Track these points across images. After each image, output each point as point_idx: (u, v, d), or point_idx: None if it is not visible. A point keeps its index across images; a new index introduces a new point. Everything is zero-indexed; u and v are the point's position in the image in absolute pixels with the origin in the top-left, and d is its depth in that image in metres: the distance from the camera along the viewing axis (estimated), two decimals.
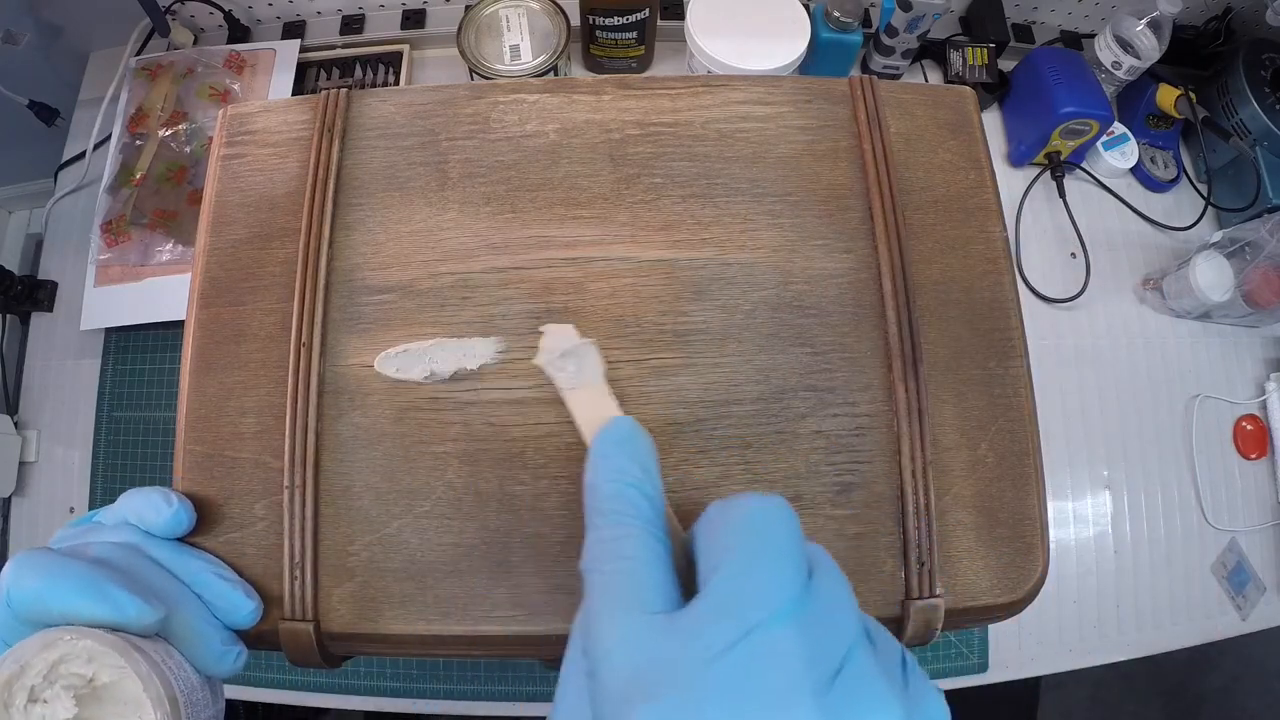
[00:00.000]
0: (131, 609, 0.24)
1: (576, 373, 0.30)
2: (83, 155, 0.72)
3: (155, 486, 0.29)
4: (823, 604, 0.20)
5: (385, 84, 0.74)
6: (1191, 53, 0.79)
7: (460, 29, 0.68)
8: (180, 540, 0.30)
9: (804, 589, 0.20)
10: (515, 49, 0.68)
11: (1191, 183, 0.79)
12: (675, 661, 0.19)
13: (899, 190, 0.35)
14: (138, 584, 0.25)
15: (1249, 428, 0.73)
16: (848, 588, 0.21)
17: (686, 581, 0.22)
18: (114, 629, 0.24)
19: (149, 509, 0.28)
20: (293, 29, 0.77)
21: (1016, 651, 0.65)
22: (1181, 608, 0.67)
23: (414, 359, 0.32)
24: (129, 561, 0.27)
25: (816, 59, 0.71)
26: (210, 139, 0.49)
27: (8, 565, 0.25)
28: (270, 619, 0.30)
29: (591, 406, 0.29)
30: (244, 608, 0.28)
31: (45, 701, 0.23)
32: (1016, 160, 0.77)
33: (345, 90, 0.37)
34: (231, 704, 0.66)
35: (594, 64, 0.76)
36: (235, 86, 0.71)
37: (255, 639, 0.30)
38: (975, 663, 0.64)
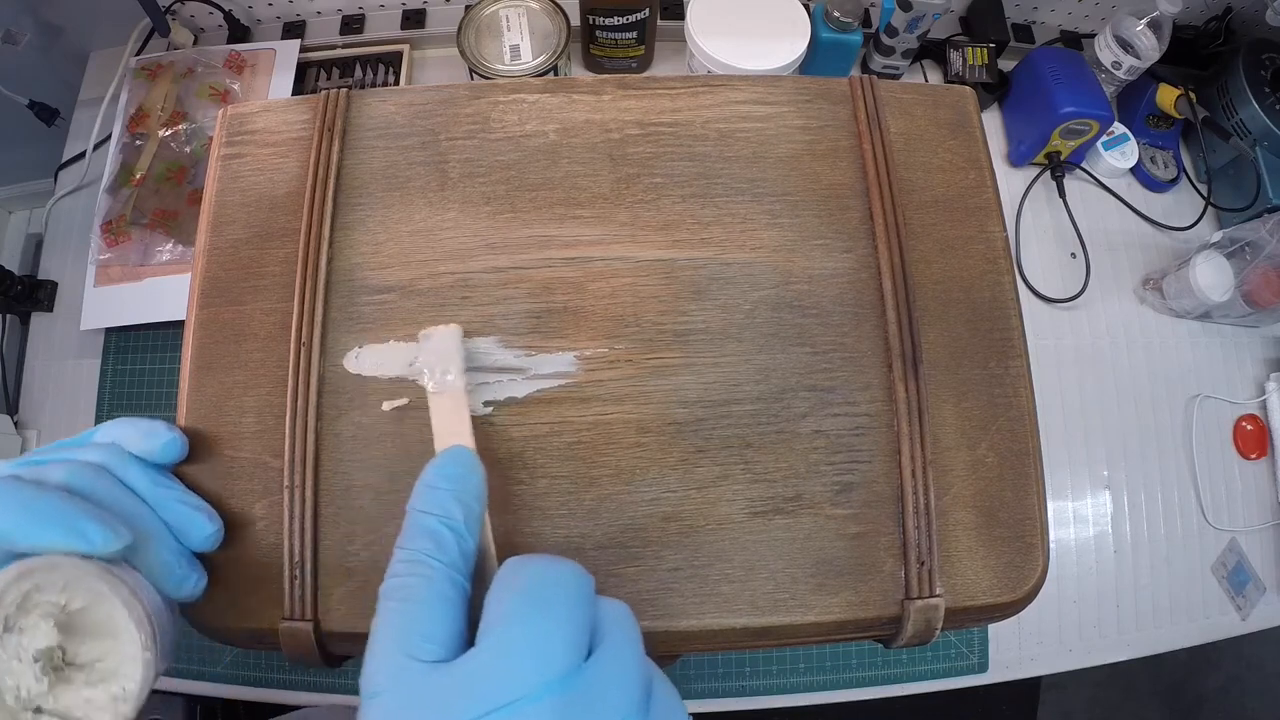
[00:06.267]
0: (98, 538, 0.24)
1: (442, 377, 0.30)
2: (83, 155, 0.72)
3: (151, 418, 0.30)
4: (594, 682, 0.20)
5: (385, 84, 0.74)
6: (1191, 53, 0.79)
7: (460, 29, 0.68)
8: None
9: (572, 667, 0.20)
10: (515, 49, 0.68)
11: (1191, 183, 0.79)
12: None
13: (899, 190, 0.35)
14: (102, 510, 0.25)
15: (1249, 428, 0.73)
16: (636, 662, 0.22)
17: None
18: (83, 558, 0.24)
19: (137, 435, 0.29)
20: (293, 29, 0.77)
21: (1016, 651, 0.65)
22: (1181, 608, 0.67)
23: (380, 358, 0.32)
24: (94, 484, 0.26)
25: (816, 59, 0.71)
26: (210, 139, 0.49)
27: None
28: (270, 619, 0.30)
29: (447, 417, 0.29)
30: (204, 529, 0.29)
31: (22, 630, 0.22)
32: (1016, 160, 0.77)
33: (345, 90, 0.37)
34: (231, 704, 0.66)
35: (594, 64, 0.76)
36: (235, 86, 0.71)
37: (255, 639, 0.30)
38: (975, 663, 0.64)
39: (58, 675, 0.22)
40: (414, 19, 0.77)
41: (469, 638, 0.22)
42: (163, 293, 0.65)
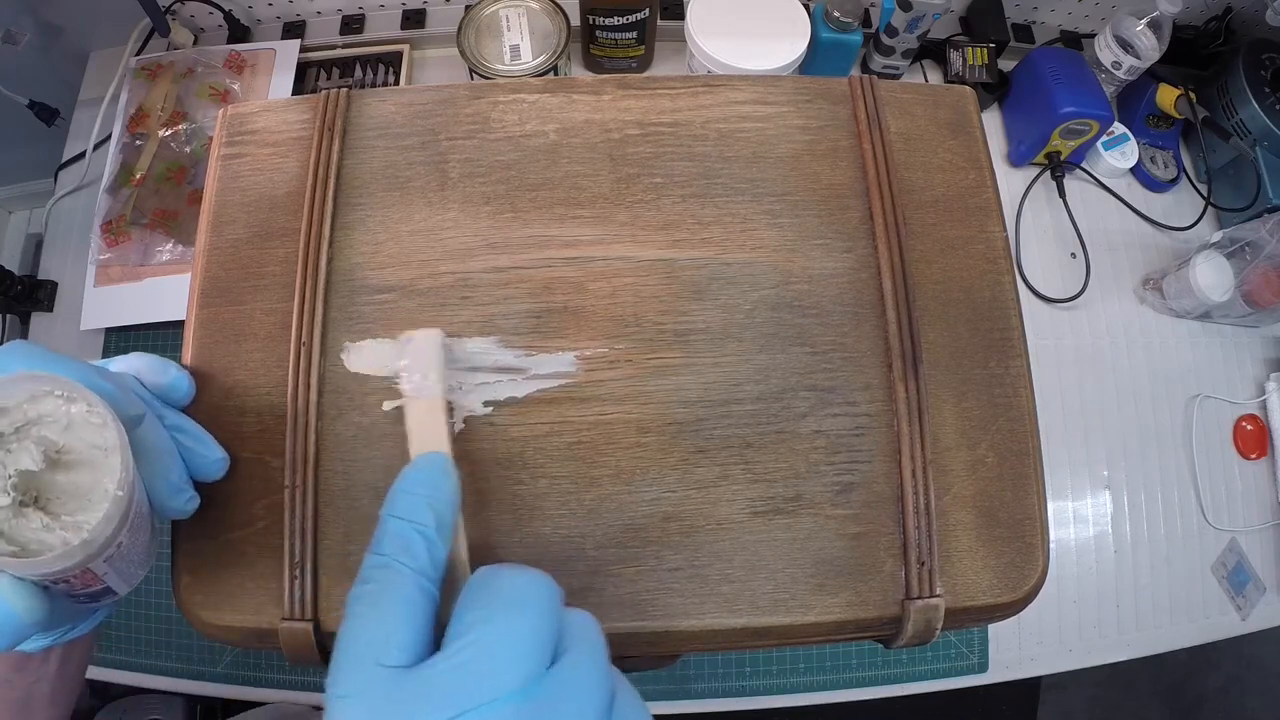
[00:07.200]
0: (113, 394, 0.24)
1: (420, 381, 0.29)
2: (83, 155, 0.72)
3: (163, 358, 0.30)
4: (556, 690, 0.21)
5: (385, 84, 0.74)
6: (1191, 53, 0.79)
7: (460, 29, 0.68)
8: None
9: (536, 676, 0.20)
10: (515, 49, 0.68)
11: (1191, 183, 0.79)
12: None
13: (899, 190, 0.35)
14: (122, 390, 0.26)
15: (1249, 428, 0.73)
16: (600, 671, 0.22)
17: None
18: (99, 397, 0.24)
19: (148, 367, 0.29)
20: (293, 29, 0.77)
21: (1016, 651, 0.65)
22: (1181, 608, 0.67)
23: (367, 356, 0.32)
24: (119, 380, 0.27)
25: (816, 59, 0.71)
26: (210, 139, 0.49)
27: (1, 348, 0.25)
28: (270, 619, 0.30)
29: (423, 424, 0.28)
30: (213, 452, 0.29)
31: (10, 451, 0.22)
32: (1016, 160, 0.77)
33: (345, 90, 0.37)
34: (231, 704, 0.66)
35: (594, 64, 0.76)
36: (235, 86, 0.71)
37: (256, 639, 0.30)
38: (975, 663, 0.64)
39: (21, 508, 0.22)
40: (414, 19, 0.77)
41: (437, 645, 0.22)
42: (163, 293, 0.65)
